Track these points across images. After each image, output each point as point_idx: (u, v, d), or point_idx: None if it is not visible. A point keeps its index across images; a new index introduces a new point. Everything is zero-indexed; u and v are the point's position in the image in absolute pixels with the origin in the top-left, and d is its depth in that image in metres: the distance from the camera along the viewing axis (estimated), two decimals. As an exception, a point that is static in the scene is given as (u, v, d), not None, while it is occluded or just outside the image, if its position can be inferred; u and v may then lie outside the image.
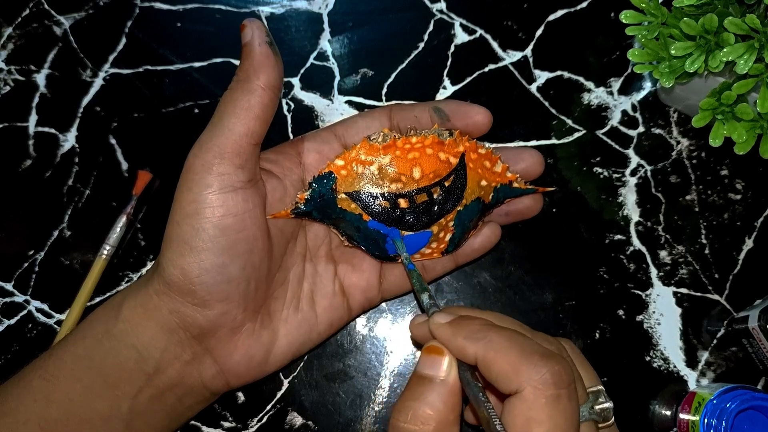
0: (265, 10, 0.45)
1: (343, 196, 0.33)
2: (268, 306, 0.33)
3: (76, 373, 0.31)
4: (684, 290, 0.41)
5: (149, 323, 0.31)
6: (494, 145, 0.42)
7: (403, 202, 0.33)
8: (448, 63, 0.44)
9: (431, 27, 0.44)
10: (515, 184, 0.36)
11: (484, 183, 0.34)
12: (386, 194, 0.32)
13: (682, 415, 0.37)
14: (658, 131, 0.43)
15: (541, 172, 0.37)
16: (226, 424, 0.39)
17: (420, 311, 0.41)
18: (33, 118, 0.43)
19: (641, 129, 0.43)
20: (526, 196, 0.37)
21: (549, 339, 0.25)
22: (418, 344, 0.40)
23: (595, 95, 0.43)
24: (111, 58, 0.44)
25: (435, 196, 0.33)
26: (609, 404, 0.24)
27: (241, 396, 0.40)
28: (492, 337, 0.23)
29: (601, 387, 0.25)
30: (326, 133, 0.35)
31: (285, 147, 0.34)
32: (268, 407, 0.40)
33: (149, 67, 0.44)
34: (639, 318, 0.41)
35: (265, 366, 0.34)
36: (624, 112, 0.43)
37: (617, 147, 0.43)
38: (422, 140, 0.32)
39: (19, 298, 0.41)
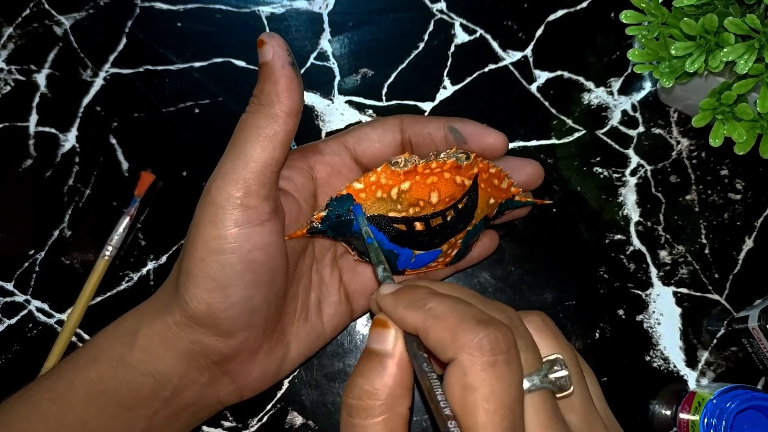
0: (265, 10, 0.45)
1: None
2: (282, 323, 0.33)
3: (89, 398, 0.30)
4: (684, 290, 0.41)
5: (168, 352, 0.30)
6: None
7: (419, 225, 0.32)
8: (449, 63, 0.44)
9: (431, 27, 0.44)
10: (517, 197, 0.36)
11: (492, 201, 0.34)
12: (404, 218, 0.32)
13: (682, 415, 0.37)
14: (658, 131, 0.43)
15: (540, 184, 0.37)
16: (227, 424, 0.39)
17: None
18: (33, 117, 0.43)
19: (641, 129, 0.43)
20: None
21: (502, 308, 0.24)
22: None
23: (595, 95, 0.43)
24: (111, 57, 0.44)
25: (449, 219, 0.33)
26: (564, 372, 0.23)
27: (241, 396, 0.40)
28: (431, 304, 0.22)
29: (558, 356, 0.23)
30: (336, 145, 0.34)
31: (295, 160, 0.33)
32: (269, 407, 0.40)
33: (150, 67, 0.44)
34: (639, 318, 0.41)
35: (277, 376, 0.34)
36: (624, 112, 0.43)
37: (617, 147, 0.43)
38: (441, 165, 0.32)
39: (20, 297, 0.41)
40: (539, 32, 0.44)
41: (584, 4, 0.44)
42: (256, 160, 0.28)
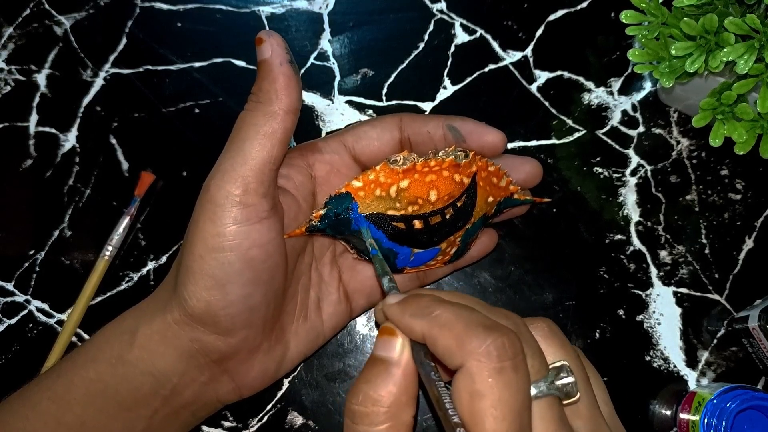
0: (265, 10, 0.45)
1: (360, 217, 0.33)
2: (281, 321, 0.33)
3: (88, 397, 0.30)
4: (684, 290, 0.41)
5: (167, 350, 0.30)
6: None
7: (417, 224, 0.32)
8: (449, 63, 0.44)
9: (431, 27, 0.44)
10: (516, 196, 0.36)
11: (491, 199, 0.34)
12: (402, 216, 0.32)
13: (682, 415, 0.37)
14: (658, 131, 0.43)
15: (539, 182, 0.37)
16: (227, 424, 0.39)
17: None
18: (33, 117, 0.43)
19: (641, 129, 0.43)
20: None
21: (507, 314, 0.24)
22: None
23: (595, 95, 0.43)
24: (111, 57, 0.44)
25: (447, 217, 0.33)
26: (570, 379, 0.23)
27: (241, 396, 0.40)
28: (438, 312, 0.22)
29: (564, 363, 0.23)
30: (336, 143, 0.34)
31: (294, 158, 0.33)
32: (269, 407, 0.40)
33: (150, 67, 0.44)
34: (639, 318, 0.41)
35: (276, 375, 0.34)
36: (624, 112, 0.43)
37: (617, 147, 0.43)
38: (440, 163, 0.32)
39: (20, 297, 0.41)
40: (539, 32, 0.44)
41: (584, 4, 0.44)
42: (254, 158, 0.28)
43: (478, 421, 0.20)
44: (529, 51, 0.44)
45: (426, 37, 0.44)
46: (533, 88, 0.43)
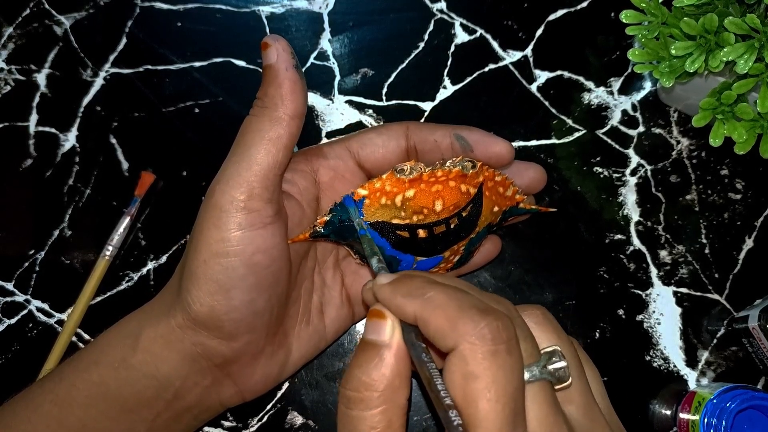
0: (265, 9, 0.45)
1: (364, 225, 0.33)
2: (284, 325, 0.33)
3: (90, 400, 0.30)
4: (684, 290, 0.41)
5: (171, 354, 0.30)
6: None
7: (422, 233, 0.32)
8: (449, 63, 0.44)
9: (431, 27, 0.44)
10: (521, 205, 0.36)
11: (496, 209, 0.34)
12: (407, 225, 0.32)
13: (682, 415, 0.37)
14: (658, 131, 0.43)
15: (543, 187, 0.37)
16: (227, 424, 0.39)
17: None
18: (33, 117, 0.43)
19: (641, 129, 0.43)
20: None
21: (499, 299, 0.24)
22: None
23: (595, 95, 0.43)
24: (111, 57, 0.44)
25: (452, 226, 0.33)
26: (562, 364, 0.23)
27: (241, 395, 0.40)
28: (431, 293, 0.22)
29: (556, 347, 0.24)
30: (341, 149, 0.34)
31: (299, 163, 0.33)
32: (269, 407, 0.40)
33: (150, 67, 0.44)
34: (639, 318, 0.41)
35: (279, 379, 0.34)
36: (624, 112, 0.43)
37: (617, 147, 0.43)
38: (447, 174, 0.31)
39: (20, 297, 0.41)
40: (539, 32, 0.44)
41: (584, 4, 0.44)
42: (259, 164, 0.28)
43: (471, 403, 0.20)
44: (529, 51, 0.44)
45: (426, 37, 0.44)
46: (533, 87, 0.43)
